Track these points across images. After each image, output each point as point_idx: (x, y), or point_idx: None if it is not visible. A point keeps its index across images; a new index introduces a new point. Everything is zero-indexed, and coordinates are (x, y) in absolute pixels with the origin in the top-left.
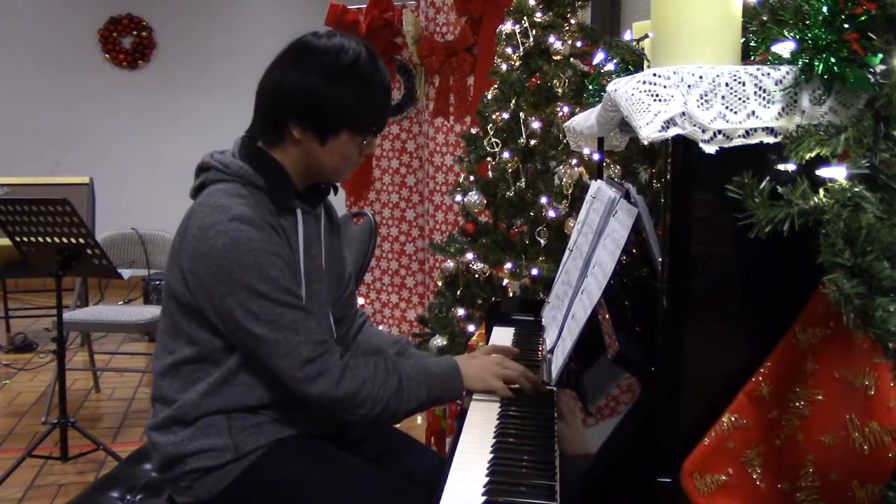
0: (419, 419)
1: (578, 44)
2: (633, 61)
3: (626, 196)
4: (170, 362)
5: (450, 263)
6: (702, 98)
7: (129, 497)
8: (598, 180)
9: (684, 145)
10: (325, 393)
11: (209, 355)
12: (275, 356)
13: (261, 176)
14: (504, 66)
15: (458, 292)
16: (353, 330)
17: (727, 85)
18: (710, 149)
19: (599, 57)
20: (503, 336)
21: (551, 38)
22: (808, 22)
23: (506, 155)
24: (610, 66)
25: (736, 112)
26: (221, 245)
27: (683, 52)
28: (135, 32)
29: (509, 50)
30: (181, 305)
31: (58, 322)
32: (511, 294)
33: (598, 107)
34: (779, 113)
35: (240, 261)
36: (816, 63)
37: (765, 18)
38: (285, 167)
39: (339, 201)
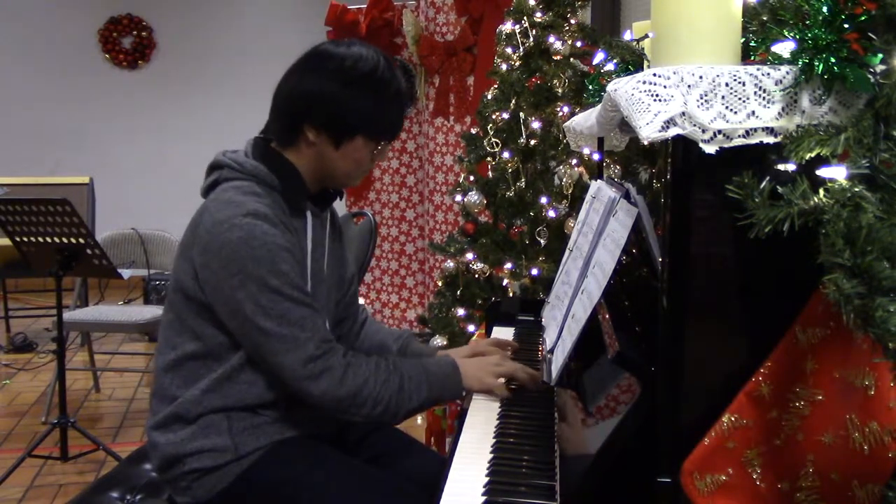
0: (419, 419)
1: (578, 44)
2: (633, 61)
3: (626, 196)
4: (173, 357)
5: (450, 263)
6: (702, 98)
7: (129, 497)
8: (598, 180)
9: (684, 145)
10: (327, 391)
11: (213, 351)
12: (280, 352)
13: (275, 176)
14: (504, 66)
15: (458, 292)
16: (356, 326)
17: (727, 85)
18: (710, 149)
19: (599, 57)
20: (503, 336)
21: (551, 38)
22: (808, 22)
23: (506, 155)
24: (610, 66)
25: (736, 112)
26: (236, 238)
27: (683, 52)
28: (135, 32)
29: (509, 50)
30: (189, 300)
31: (58, 322)
32: (511, 294)
33: (598, 107)
34: (779, 113)
35: (253, 254)
36: (816, 63)
37: (765, 18)
38: (298, 169)
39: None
